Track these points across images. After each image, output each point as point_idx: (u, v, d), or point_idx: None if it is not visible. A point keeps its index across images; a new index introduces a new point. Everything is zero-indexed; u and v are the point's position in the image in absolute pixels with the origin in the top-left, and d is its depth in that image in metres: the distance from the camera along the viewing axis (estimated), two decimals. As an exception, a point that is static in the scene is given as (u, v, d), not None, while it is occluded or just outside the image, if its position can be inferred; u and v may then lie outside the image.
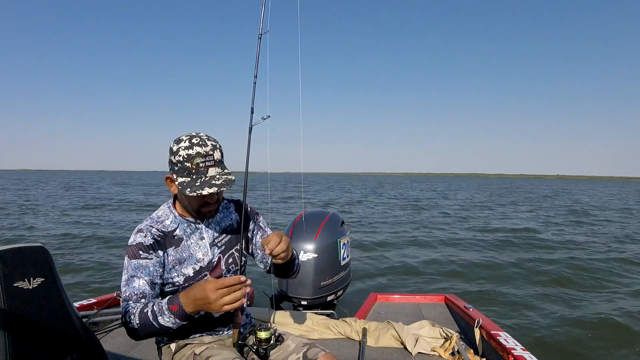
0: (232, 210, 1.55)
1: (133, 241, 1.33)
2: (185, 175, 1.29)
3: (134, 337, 1.27)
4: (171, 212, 1.42)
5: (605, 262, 7.53)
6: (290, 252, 1.32)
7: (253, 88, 1.54)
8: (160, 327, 1.22)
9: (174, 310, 1.20)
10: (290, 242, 1.33)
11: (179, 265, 1.38)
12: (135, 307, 1.26)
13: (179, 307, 1.19)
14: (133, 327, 1.24)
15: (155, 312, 1.22)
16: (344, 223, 3.29)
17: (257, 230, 1.59)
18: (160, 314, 1.21)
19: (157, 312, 1.22)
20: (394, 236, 10.42)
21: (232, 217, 1.54)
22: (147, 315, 1.22)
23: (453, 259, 7.81)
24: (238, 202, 1.58)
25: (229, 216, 1.53)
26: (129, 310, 1.26)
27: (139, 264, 1.31)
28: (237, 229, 1.52)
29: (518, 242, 9.73)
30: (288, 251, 1.30)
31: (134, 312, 1.24)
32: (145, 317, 1.22)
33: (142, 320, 1.22)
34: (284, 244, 1.27)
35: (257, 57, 1.56)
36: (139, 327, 1.23)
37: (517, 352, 1.91)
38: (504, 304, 5.07)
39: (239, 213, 1.55)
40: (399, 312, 2.93)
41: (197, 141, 1.29)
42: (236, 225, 1.53)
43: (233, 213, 1.55)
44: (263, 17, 1.59)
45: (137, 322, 1.23)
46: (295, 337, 1.46)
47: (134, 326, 1.23)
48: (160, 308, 1.22)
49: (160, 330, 1.23)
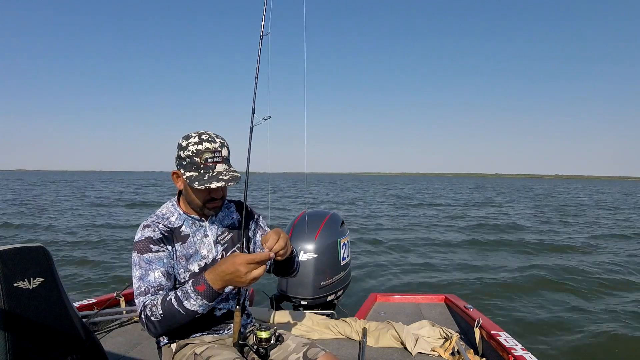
0: (232, 210, 1.57)
1: (141, 236, 1.33)
2: (193, 169, 1.31)
3: (154, 331, 1.25)
4: (175, 210, 1.44)
5: (605, 263, 7.54)
6: (289, 249, 1.32)
7: (254, 89, 1.54)
8: (186, 313, 1.21)
9: (201, 291, 1.19)
10: (289, 239, 1.33)
11: (185, 261, 1.39)
12: (155, 299, 1.25)
13: (207, 285, 1.19)
14: (156, 319, 1.22)
15: (179, 297, 1.21)
16: (344, 223, 3.29)
17: (257, 229, 1.61)
18: (185, 298, 1.20)
19: (182, 297, 1.20)
20: (394, 236, 10.43)
21: (233, 216, 1.56)
22: (170, 303, 1.21)
23: (453, 259, 7.82)
24: (239, 202, 1.60)
25: (230, 215, 1.55)
26: (147, 304, 1.25)
27: (152, 257, 1.30)
28: (239, 228, 1.54)
29: (518, 242, 9.73)
30: (287, 248, 1.29)
31: (155, 303, 1.23)
32: (169, 306, 1.21)
33: (165, 310, 1.21)
34: (283, 241, 1.27)
35: (259, 58, 1.56)
36: (162, 317, 1.21)
37: (517, 352, 1.91)
38: (504, 304, 5.08)
39: (239, 212, 1.57)
40: (399, 312, 2.93)
41: (207, 137, 1.32)
42: (237, 224, 1.55)
43: (234, 212, 1.57)
44: (264, 19, 1.60)
45: (160, 312, 1.21)
46: (295, 337, 1.46)
47: (156, 318, 1.22)
48: (185, 292, 1.21)
49: (185, 318, 1.22)
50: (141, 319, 1.26)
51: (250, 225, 1.60)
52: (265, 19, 1.61)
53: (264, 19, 1.60)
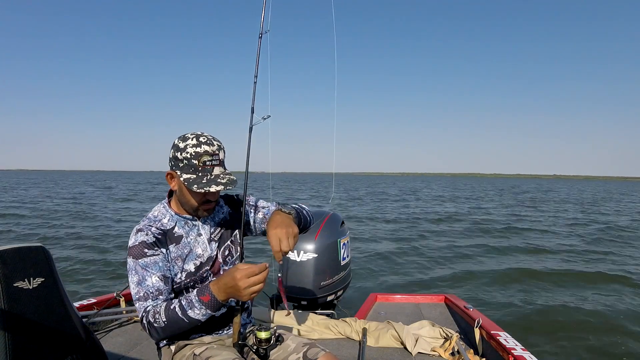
0: (222, 203, 1.55)
1: (135, 241, 1.33)
2: (191, 172, 1.31)
3: (156, 336, 1.27)
4: (167, 211, 1.43)
5: (606, 263, 7.55)
6: (293, 242, 1.29)
7: (253, 88, 1.54)
8: (189, 322, 1.23)
9: (206, 301, 1.21)
10: (291, 223, 1.31)
11: (181, 262, 1.39)
12: (159, 306, 1.26)
13: (211, 296, 1.20)
14: (159, 326, 1.23)
15: (183, 306, 1.22)
16: (344, 223, 3.29)
17: (251, 211, 1.58)
18: (189, 307, 1.22)
19: (186, 306, 1.22)
20: (394, 236, 10.43)
21: (223, 210, 1.54)
22: (174, 312, 1.22)
23: (453, 258, 7.82)
24: (225, 195, 1.59)
25: (220, 210, 1.53)
26: (150, 310, 1.26)
27: (147, 261, 1.31)
28: (231, 221, 1.53)
29: (518, 242, 9.74)
30: (295, 239, 1.29)
31: (158, 310, 1.24)
32: (173, 313, 1.22)
33: (169, 318, 1.22)
34: (285, 241, 1.26)
35: (258, 56, 1.56)
36: (165, 324, 1.23)
37: (517, 352, 1.90)
38: (504, 303, 5.08)
39: (229, 205, 1.56)
40: (399, 312, 2.92)
41: (205, 140, 1.31)
42: (229, 217, 1.54)
43: (224, 206, 1.55)
44: (263, 17, 1.59)
45: (163, 320, 1.23)
46: (295, 337, 1.46)
47: (159, 325, 1.23)
48: (190, 301, 1.22)
49: (188, 326, 1.24)
50: (143, 324, 1.27)
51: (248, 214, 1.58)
52: (265, 17, 1.60)
53: (263, 16, 1.59)
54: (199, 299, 1.22)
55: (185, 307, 1.22)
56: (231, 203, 1.57)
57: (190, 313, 1.22)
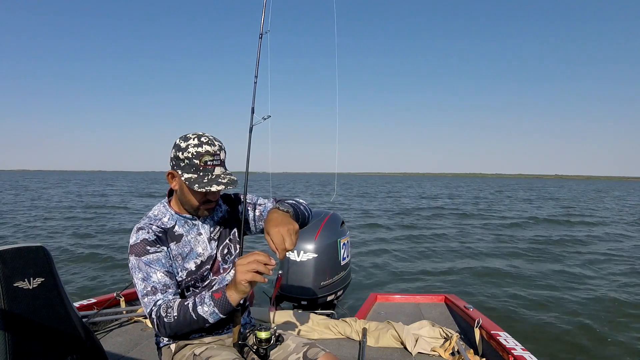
0: (220, 202, 1.56)
1: (136, 240, 1.33)
2: (192, 171, 1.31)
3: (163, 332, 1.25)
4: (167, 211, 1.44)
5: (606, 262, 7.54)
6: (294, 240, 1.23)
7: (254, 88, 1.54)
8: (197, 319, 1.21)
9: (217, 298, 1.20)
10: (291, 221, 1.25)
11: (181, 260, 1.39)
12: (171, 300, 1.25)
13: (222, 293, 1.19)
14: (169, 320, 1.22)
15: (195, 302, 1.22)
16: (344, 223, 3.29)
17: (250, 209, 1.57)
18: (200, 304, 1.21)
19: (198, 302, 1.22)
20: (394, 236, 10.43)
21: (222, 208, 1.55)
22: (186, 307, 1.22)
23: (453, 259, 7.82)
24: (223, 194, 1.58)
25: (218, 209, 1.54)
26: (161, 304, 1.25)
27: (150, 258, 1.30)
28: (229, 220, 1.54)
29: (518, 242, 9.73)
30: (297, 236, 1.24)
31: (171, 305, 1.24)
32: (185, 309, 1.22)
33: (180, 313, 1.22)
34: (288, 238, 1.20)
35: (258, 56, 1.56)
36: (175, 320, 1.22)
37: (517, 352, 1.90)
38: (504, 304, 5.08)
39: (227, 204, 1.56)
40: (399, 312, 2.92)
41: (206, 140, 1.32)
42: (227, 215, 1.54)
43: (222, 205, 1.56)
44: (264, 17, 1.59)
45: (174, 315, 1.22)
46: (295, 337, 1.46)
47: (170, 320, 1.22)
48: (202, 298, 1.22)
49: (196, 324, 1.22)
50: (152, 318, 1.26)
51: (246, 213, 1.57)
52: (265, 17, 1.60)
53: (263, 16, 1.59)
54: (211, 294, 1.22)
55: (197, 303, 1.22)
56: (229, 202, 1.57)
57: (199, 309, 1.21)
